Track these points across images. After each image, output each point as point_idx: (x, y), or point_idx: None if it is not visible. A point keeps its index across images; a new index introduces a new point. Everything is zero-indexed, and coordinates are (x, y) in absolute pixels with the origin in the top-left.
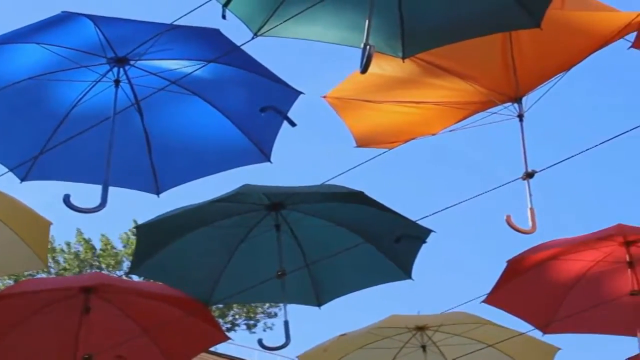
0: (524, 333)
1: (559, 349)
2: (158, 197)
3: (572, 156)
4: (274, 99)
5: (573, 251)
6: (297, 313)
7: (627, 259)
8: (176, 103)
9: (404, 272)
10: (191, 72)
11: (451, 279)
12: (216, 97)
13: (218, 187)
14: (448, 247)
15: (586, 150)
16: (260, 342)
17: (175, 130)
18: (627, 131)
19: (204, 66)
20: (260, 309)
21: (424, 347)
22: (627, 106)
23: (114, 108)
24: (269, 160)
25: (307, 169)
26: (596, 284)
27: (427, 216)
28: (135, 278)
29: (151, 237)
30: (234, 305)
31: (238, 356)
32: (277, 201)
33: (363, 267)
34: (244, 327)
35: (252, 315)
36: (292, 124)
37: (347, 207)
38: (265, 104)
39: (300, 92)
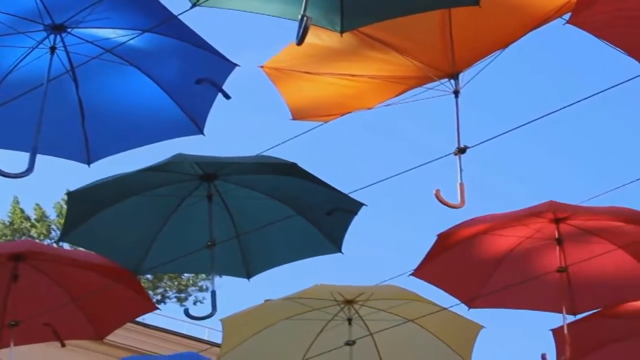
0: (446, 308)
1: (483, 327)
2: (89, 166)
3: (505, 132)
4: (209, 70)
5: (503, 227)
6: (227, 285)
7: (556, 235)
8: (112, 73)
9: (335, 245)
10: (126, 41)
11: (382, 253)
12: (151, 67)
13: (151, 159)
14: (380, 221)
15: (519, 127)
16: (186, 311)
17: (110, 100)
18: (561, 108)
19: (140, 35)
20: (191, 282)
21: (349, 321)
22: (562, 83)
23: (48, 75)
24: (201, 132)
25: (242, 141)
26: (524, 260)
27: (359, 189)
28: (65, 246)
29: (82, 204)
30: (165, 277)
31: (167, 328)
32: (210, 172)
33: (294, 239)
34: (175, 299)
35: (182, 288)
36: (227, 96)
37: (279, 179)
38: (200, 75)
39: (236, 64)
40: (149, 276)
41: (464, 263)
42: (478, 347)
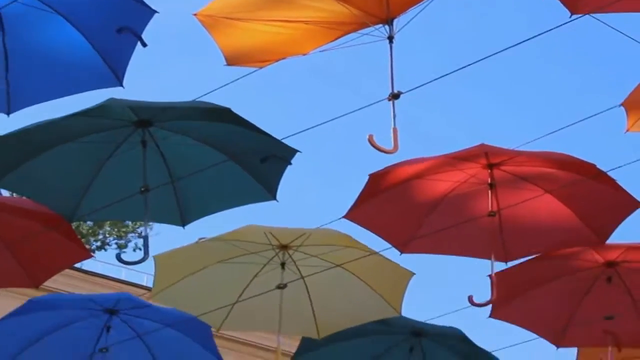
0: (376, 253)
1: (414, 274)
2: (8, 117)
3: (438, 78)
4: (130, 18)
5: (436, 171)
6: (165, 232)
7: (489, 180)
8: (38, 21)
9: (269, 192)
10: None
11: (316, 198)
12: (75, 15)
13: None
14: (315, 166)
15: (452, 72)
16: (118, 256)
17: (33, 50)
18: (495, 53)
19: None
20: (131, 228)
21: (282, 265)
22: (498, 29)
23: None
24: (121, 84)
25: (178, 88)
26: (457, 205)
27: (293, 134)
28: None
29: (13, 149)
30: (106, 224)
31: (106, 274)
32: (144, 118)
33: (228, 187)
34: (115, 246)
35: (122, 235)
36: (144, 44)
37: (214, 126)
38: (120, 23)
39: (154, 11)
40: (89, 223)
41: (397, 207)
42: (410, 292)
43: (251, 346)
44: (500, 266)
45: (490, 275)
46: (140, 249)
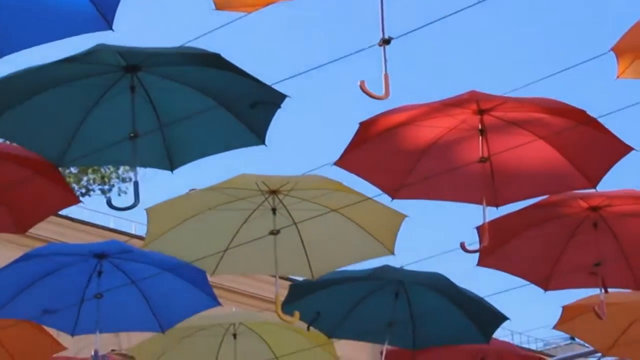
0: (370, 198)
1: (406, 216)
2: None
3: (429, 23)
4: None
5: (427, 117)
6: (151, 179)
7: (479, 126)
8: None
9: (258, 137)
10: None
11: (307, 145)
12: None
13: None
14: (304, 113)
15: (444, 17)
16: (108, 201)
17: None
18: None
19: None
20: (114, 174)
21: (274, 210)
22: None
23: None
24: (110, 27)
25: (165, 33)
26: (448, 151)
27: (283, 80)
28: None
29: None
30: (89, 170)
31: (93, 221)
32: (133, 63)
33: (217, 131)
34: (99, 192)
35: (106, 181)
36: None
37: (203, 71)
38: None
39: None
40: (73, 170)
41: (388, 153)
42: (401, 237)
43: (248, 296)
44: (491, 211)
45: (479, 227)
46: (125, 193)
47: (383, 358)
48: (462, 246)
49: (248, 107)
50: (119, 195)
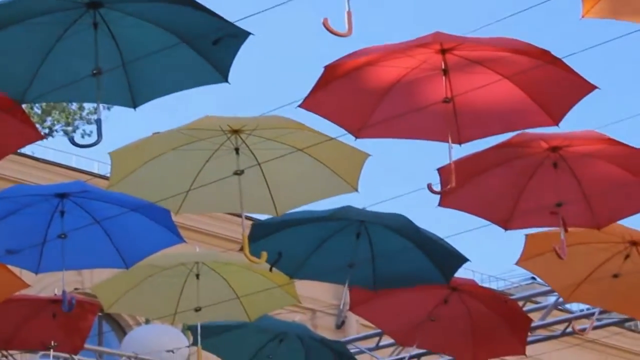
0: (334, 138)
1: (369, 155)
2: None
3: None
4: None
5: (390, 58)
6: (115, 119)
7: (442, 66)
8: None
9: (221, 74)
10: None
11: (269, 84)
12: None
13: None
14: (267, 51)
15: None
16: (71, 139)
17: None
18: None
19: None
20: (78, 115)
21: (237, 150)
22: None
23: None
24: None
25: None
26: (411, 91)
27: (245, 17)
28: None
29: None
30: (53, 111)
31: (56, 160)
32: None
33: (180, 68)
34: (62, 133)
35: (70, 121)
36: None
37: (166, 7)
38: None
39: None
40: (37, 110)
41: (351, 94)
42: (365, 178)
43: (211, 236)
44: (455, 150)
45: (440, 168)
46: (88, 135)
47: (344, 298)
48: (429, 187)
49: (211, 44)
50: (83, 137)
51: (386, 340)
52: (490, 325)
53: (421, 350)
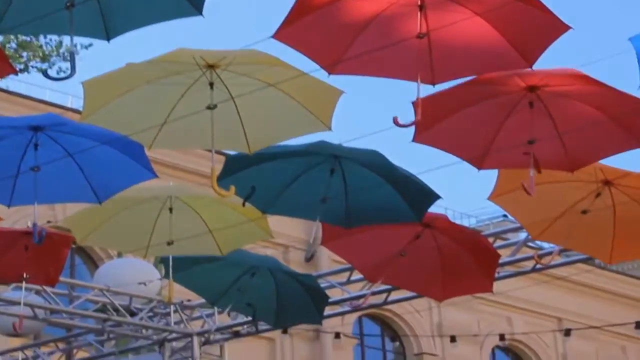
0: (306, 74)
1: (343, 92)
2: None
3: None
4: None
5: None
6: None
7: (418, 2)
8: None
9: (195, 7)
10: None
11: (244, 16)
12: None
13: None
14: None
15: None
16: (45, 72)
17: None
18: None
19: None
20: (54, 51)
21: (211, 85)
22: None
23: None
24: None
25: None
26: (387, 27)
27: None
28: None
29: None
30: (28, 47)
31: (30, 95)
32: None
33: (154, 1)
34: (37, 70)
35: (46, 58)
36: None
37: None
38: None
39: None
40: (12, 48)
41: (326, 28)
42: (339, 113)
43: (185, 171)
44: (428, 89)
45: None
46: (64, 72)
47: (315, 233)
48: (395, 121)
49: None
50: (58, 73)
51: (357, 275)
52: (460, 263)
53: (391, 287)
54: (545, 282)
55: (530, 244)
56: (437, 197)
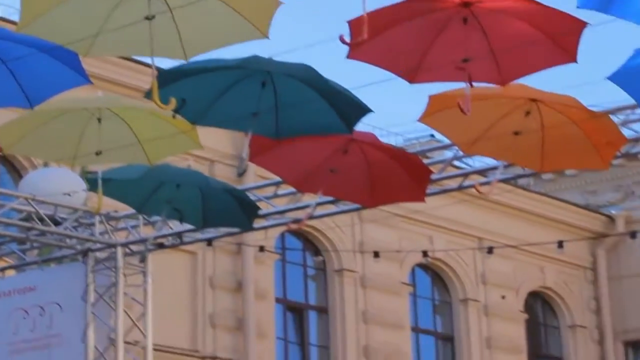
0: None
1: (282, 2)
2: None
3: None
4: None
5: None
6: None
7: None
8: None
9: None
10: None
11: None
12: None
13: None
14: None
15: None
16: None
17: None
18: None
19: None
20: None
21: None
22: None
23: None
24: None
25: None
26: None
27: None
28: None
29: None
30: None
31: None
32: None
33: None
34: None
35: None
36: None
37: None
38: None
39: None
40: None
41: None
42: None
43: (117, 84)
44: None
45: (351, 20)
46: None
47: (247, 147)
48: (341, 39)
49: None
50: None
51: (284, 189)
52: (391, 174)
53: (319, 200)
54: (467, 202)
55: (455, 162)
56: (369, 110)
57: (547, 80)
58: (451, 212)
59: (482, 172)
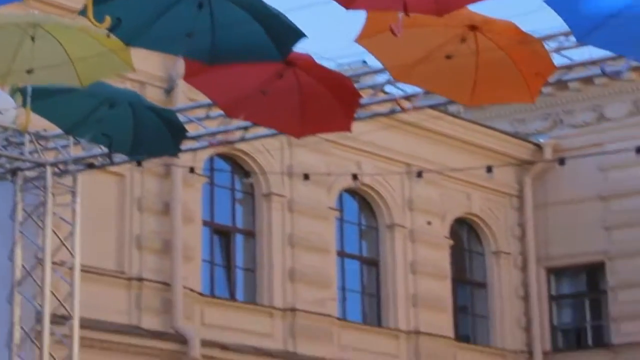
0: None
1: None
2: None
3: None
4: None
5: None
6: None
7: None
8: None
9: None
10: None
11: None
12: None
13: None
14: None
15: None
16: None
17: None
18: None
19: None
20: None
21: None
22: None
23: None
24: None
25: None
26: None
27: None
28: None
29: None
30: None
31: None
32: None
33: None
34: None
35: None
36: None
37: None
38: None
39: None
40: None
41: None
42: None
43: (51, 5)
44: None
45: None
46: None
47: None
48: None
49: None
50: None
51: (215, 111)
52: (320, 101)
53: (249, 124)
54: (395, 127)
55: (386, 88)
56: (303, 35)
57: (487, 10)
58: (380, 137)
59: (410, 97)
